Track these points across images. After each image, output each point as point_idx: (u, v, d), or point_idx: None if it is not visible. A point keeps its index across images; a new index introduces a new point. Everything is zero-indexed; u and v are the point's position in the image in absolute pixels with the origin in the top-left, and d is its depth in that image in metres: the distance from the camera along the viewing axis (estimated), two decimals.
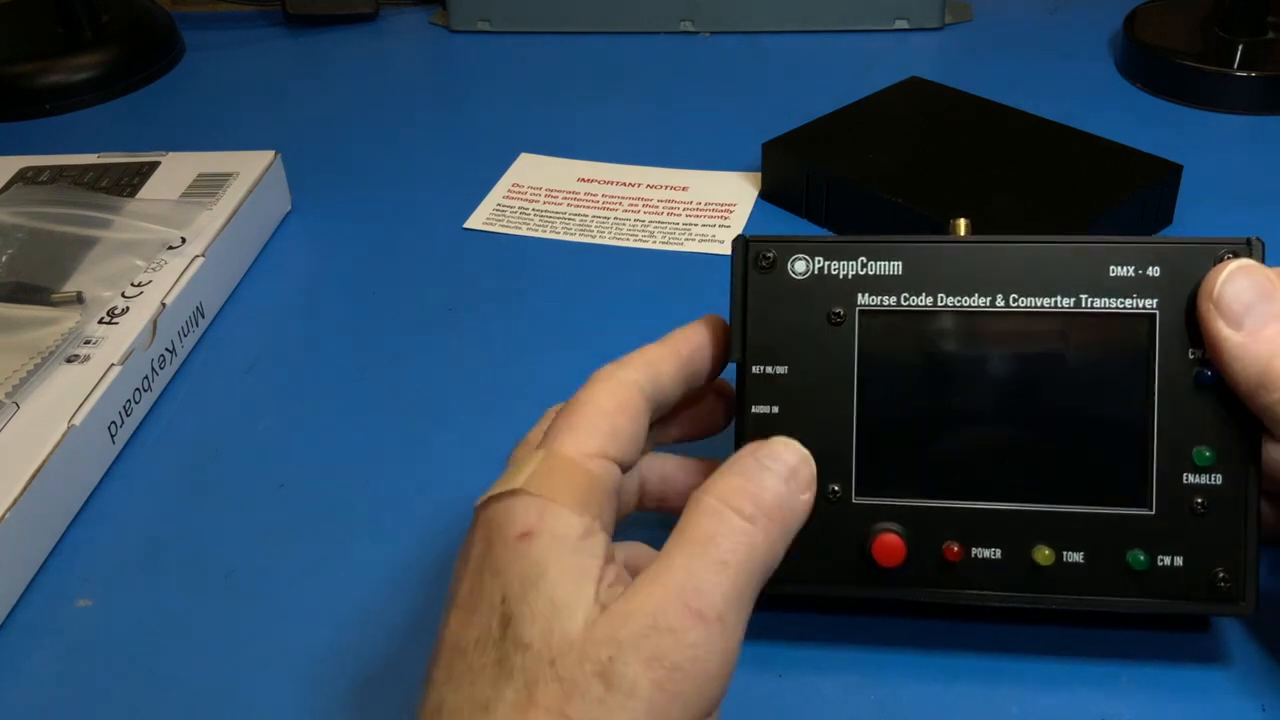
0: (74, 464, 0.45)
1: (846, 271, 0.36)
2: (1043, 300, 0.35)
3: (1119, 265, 0.35)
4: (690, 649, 0.28)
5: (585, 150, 0.68)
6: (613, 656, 0.28)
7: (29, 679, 0.39)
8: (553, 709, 0.27)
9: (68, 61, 0.78)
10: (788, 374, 0.36)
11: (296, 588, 0.41)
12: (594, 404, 0.33)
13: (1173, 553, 0.35)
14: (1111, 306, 0.35)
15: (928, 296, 0.36)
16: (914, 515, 0.36)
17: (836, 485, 0.36)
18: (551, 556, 0.29)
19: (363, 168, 0.68)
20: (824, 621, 0.39)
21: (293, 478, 0.46)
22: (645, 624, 0.28)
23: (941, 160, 0.60)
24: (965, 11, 0.83)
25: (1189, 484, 0.35)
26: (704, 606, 0.28)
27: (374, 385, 0.51)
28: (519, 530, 0.30)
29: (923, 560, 0.36)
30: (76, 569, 0.43)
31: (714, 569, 0.29)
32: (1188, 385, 0.35)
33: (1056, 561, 0.35)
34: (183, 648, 0.39)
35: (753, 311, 0.36)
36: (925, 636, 0.38)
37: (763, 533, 0.30)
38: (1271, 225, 0.58)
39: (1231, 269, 0.33)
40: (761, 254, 0.36)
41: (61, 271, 0.53)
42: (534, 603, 0.29)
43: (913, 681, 0.37)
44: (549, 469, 0.31)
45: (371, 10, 0.87)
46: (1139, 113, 0.69)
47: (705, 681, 0.28)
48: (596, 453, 0.32)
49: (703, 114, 0.73)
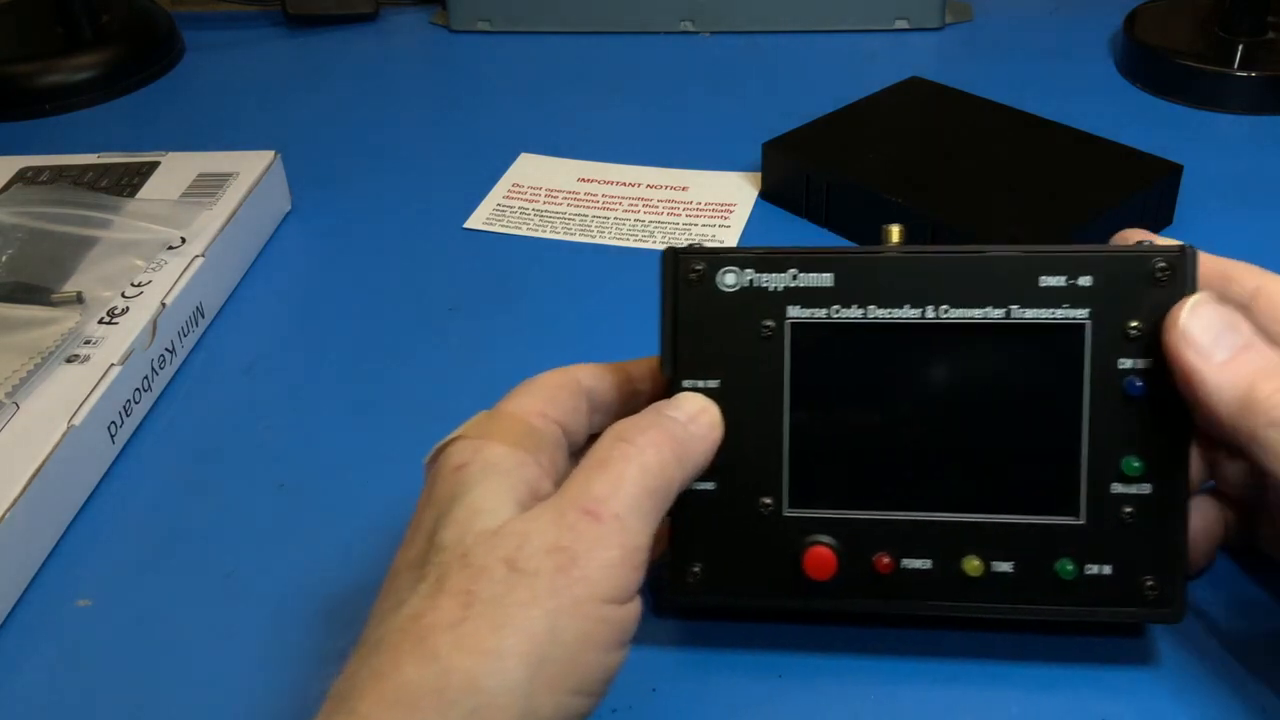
0: (74, 464, 0.45)
1: (777, 284, 0.36)
2: (973, 311, 0.35)
3: (1049, 275, 0.35)
4: (588, 541, 0.30)
5: (585, 150, 0.68)
6: (519, 546, 0.30)
7: (29, 679, 0.39)
8: (459, 590, 0.29)
9: (68, 61, 0.78)
10: (719, 387, 0.36)
11: (296, 588, 0.41)
12: (537, 380, 0.36)
13: (1101, 562, 0.35)
14: (1041, 317, 0.35)
15: (858, 308, 0.35)
16: (846, 527, 0.36)
17: (768, 498, 0.36)
18: (480, 477, 0.32)
19: (363, 168, 0.68)
20: (821, 614, 0.39)
21: (293, 478, 0.46)
22: (549, 521, 0.31)
23: (941, 160, 0.60)
24: (965, 11, 0.83)
25: (1117, 494, 0.35)
26: (599, 508, 0.31)
27: (374, 385, 0.51)
28: (455, 464, 0.33)
29: (854, 572, 0.36)
30: (76, 569, 0.43)
31: (609, 482, 0.32)
32: (1117, 396, 0.34)
33: (986, 572, 0.35)
34: (183, 648, 0.39)
35: (683, 326, 0.36)
36: (925, 638, 0.38)
37: (654, 451, 0.33)
38: (1272, 225, 0.58)
39: (1194, 302, 0.33)
40: (690, 267, 0.36)
41: (61, 271, 0.53)
42: (456, 511, 0.31)
43: (911, 684, 0.37)
44: (489, 418, 0.35)
45: (371, 10, 0.87)
46: (1139, 113, 0.69)
47: (605, 568, 0.30)
48: (536, 411, 0.35)
49: (703, 114, 0.73)
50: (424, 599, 0.30)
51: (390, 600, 0.31)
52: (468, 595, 0.29)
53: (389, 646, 0.29)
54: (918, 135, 0.63)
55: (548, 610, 0.29)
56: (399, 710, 0.28)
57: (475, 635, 0.29)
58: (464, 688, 0.28)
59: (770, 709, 0.36)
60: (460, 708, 0.28)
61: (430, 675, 0.28)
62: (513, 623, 0.29)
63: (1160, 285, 0.34)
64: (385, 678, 0.28)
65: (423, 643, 0.29)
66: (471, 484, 0.32)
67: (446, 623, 0.29)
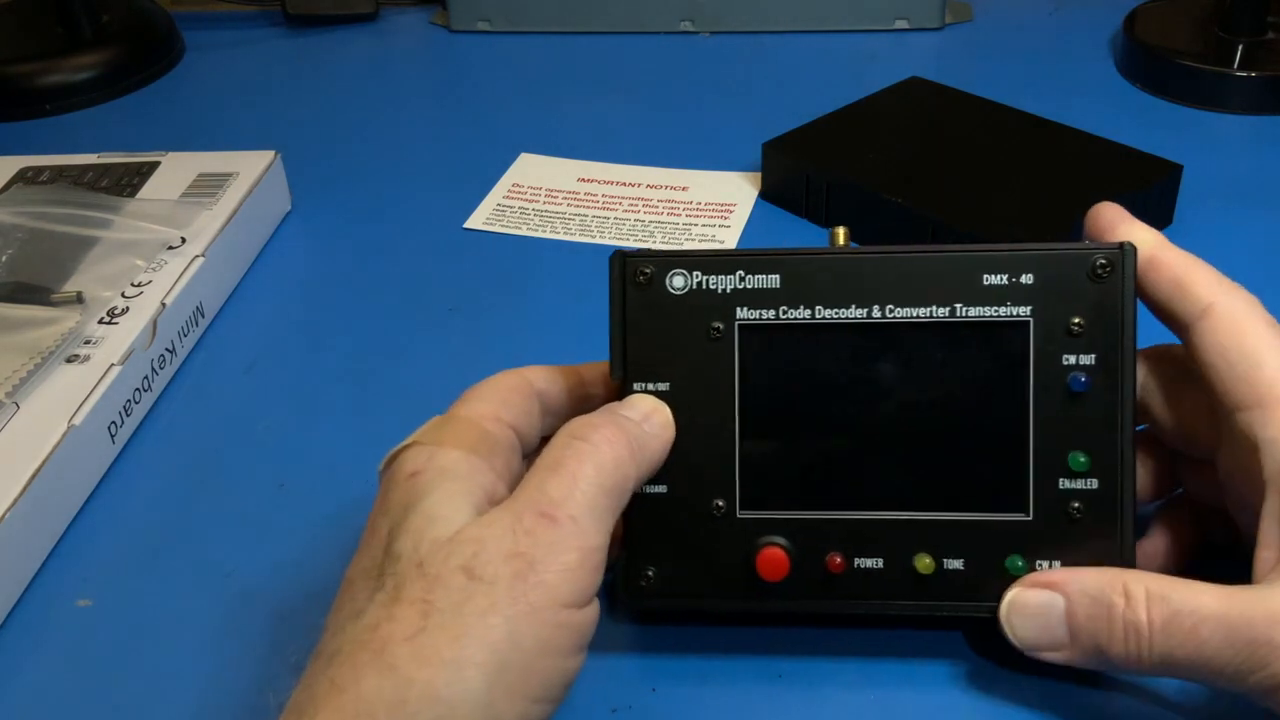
0: (74, 464, 0.45)
1: (725, 286, 0.36)
2: (918, 310, 0.35)
3: (992, 274, 0.35)
4: (546, 546, 0.30)
5: (585, 150, 0.68)
6: (476, 553, 0.30)
7: (29, 679, 0.39)
8: (416, 599, 0.29)
9: (68, 61, 0.78)
10: (669, 390, 0.36)
11: (296, 588, 0.41)
12: (489, 383, 0.36)
13: (1050, 557, 0.35)
14: (985, 315, 0.35)
15: (805, 309, 0.36)
16: (797, 528, 0.36)
17: (720, 500, 0.36)
18: (435, 483, 0.32)
19: (363, 168, 0.68)
20: (821, 614, 0.39)
21: (293, 478, 0.46)
22: (505, 527, 0.30)
23: (941, 160, 0.60)
24: (965, 11, 0.83)
25: (1065, 489, 0.35)
26: (556, 511, 0.31)
27: (374, 385, 0.51)
28: (409, 471, 0.33)
29: (807, 572, 0.36)
30: (76, 569, 0.43)
31: (564, 484, 0.31)
32: (1062, 392, 0.35)
33: (937, 570, 0.35)
34: (183, 648, 0.39)
35: (632, 328, 0.36)
36: (925, 640, 0.38)
37: (608, 449, 0.33)
38: (1272, 225, 0.58)
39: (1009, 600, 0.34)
40: (639, 270, 0.36)
41: (61, 271, 0.53)
42: (411, 520, 0.31)
43: (912, 686, 0.37)
44: (442, 424, 0.34)
45: (371, 10, 0.87)
46: (1139, 113, 0.69)
47: (563, 572, 0.30)
48: (490, 415, 0.35)
49: (703, 114, 0.73)
50: (381, 609, 0.30)
51: (346, 610, 0.31)
52: (425, 605, 0.29)
53: (347, 657, 0.29)
54: (918, 135, 0.63)
55: (506, 618, 0.29)
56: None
57: (434, 646, 0.28)
58: (424, 699, 0.28)
59: (770, 709, 0.36)
60: (421, 719, 0.28)
61: (389, 687, 0.28)
62: (471, 632, 0.29)
63: (1101, 281, 0.35)
64: (344, 690, 0.28)
65: (381, 654, 0.28)
66: (426, 491, 0.32)
67: (404, 634, 0.29)
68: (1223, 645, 0.31)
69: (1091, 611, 0.33)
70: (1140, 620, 0.32)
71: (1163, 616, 0.31)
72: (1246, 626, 0.31)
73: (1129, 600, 0.32)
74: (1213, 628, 0.31)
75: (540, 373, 0.37)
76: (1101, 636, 0.32)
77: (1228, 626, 0.31)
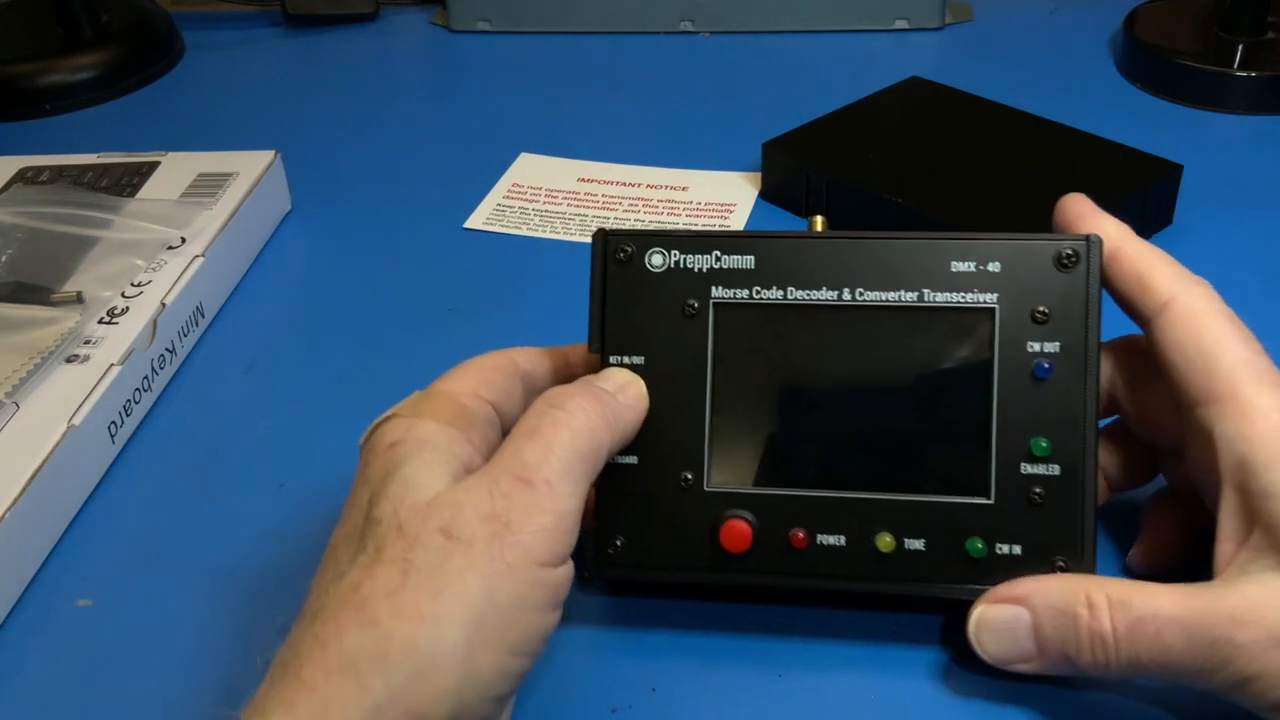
0: (74, 464, 0.45)
1: (701, 265, 0.37)
2: (887, 294, 0.36)
3: (960, 260, 0.36)
4: (521, 507, 0.31)
5: (585, 150, 0.68)
6: (454, 515, 0.31)
7: (29, 679, 0.39)
8: (397, 559, 0.30)
9: (68, 61, 0.78)
10: (644, 364, 0.37)
11: (296, 588, 0.41)
12: (474, 361, 0.37)
13: (1011, 541, 0.35)
14: (953, 301, 0.36)
15: (778, 289, 0.37)
16: (763, 503, 0.36)
17: (689, 473, 0.37)
18: (413, 453, 0.33)
19: (363, 168, 0.68)
20: (822, 614, 0.39)
21: (293, 478, 0.46)
22: (482, 490, 0.31)
23: (941, 160, 0.60)
24: (965, 11, 0.83)
25: (1027, 474, 0.35)
26: (532, 475, 0.32)
27: (374, 385, 0.51)
28: (388, 442, 0.34)
29: (770, 546, 0.36)
30: (76, 569, 0.43)
31: (540, 449, 0.32)
32: (1026, 377, 0.35)
33: (898, 549, 0.36)
34: (183, 648, 0.39)
35: (611, 303, 0.37)
36: (925, 639, 0.38)
37: (584, 415, 0.33)
38: (1272, 225, 0.58)
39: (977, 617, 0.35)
40: (620, 247, 0.38)
41: (61, 271, 0.53)
42: (390, 487, 0.32)
43: (912, 678, 0.37)
44: (422, 398, 0.35)
45: (371, 10, 0.87)
46: (1139, 113, 0.69)
47: (538, 533, 0.31)
48: (469, 391, 0.36)
49: (703, 114, 0.73)
50: (363, 569, 0.31)
51: (330, 573, 0.32)
52: (405, 564, 0.30)
53: (330, 615, 0.30)
54: (918, 135, 0.63)
55: (483, 575, 0.30)
56: (343, 675, 0.29)
57: (414, 602, 0.29)
58: (404, 651, 0.29)
59: (770, 708, 0.36)
60: (402, 671, 0.29)
61: (371, 640, 0.29)
62: (449, 589, 0.30)
63: (1066, 270, 0.35)
64: (328, 644, 0.29)
65: (363, 610, 0.29)
66: (404, 460, 0.33)
67: (385, 591, 0.30)
68: (1185, 647, 0.31)
69: (1057, 623, 0.33)
70: (1105, 629, 0.32)
71: (1125, 623, 0.32)
72: (1206, 627, 0.31)
73: (1092, 610, 0.33)
74: (1175, 631, 0.31)
75: (526, 354, 0.38)
76: (1069, 647, 0.33)
77: (1188, 629, 0.31)
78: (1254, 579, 0.32)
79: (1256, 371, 0.33)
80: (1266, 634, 0.31)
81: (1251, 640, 0.31)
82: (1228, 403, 0.33)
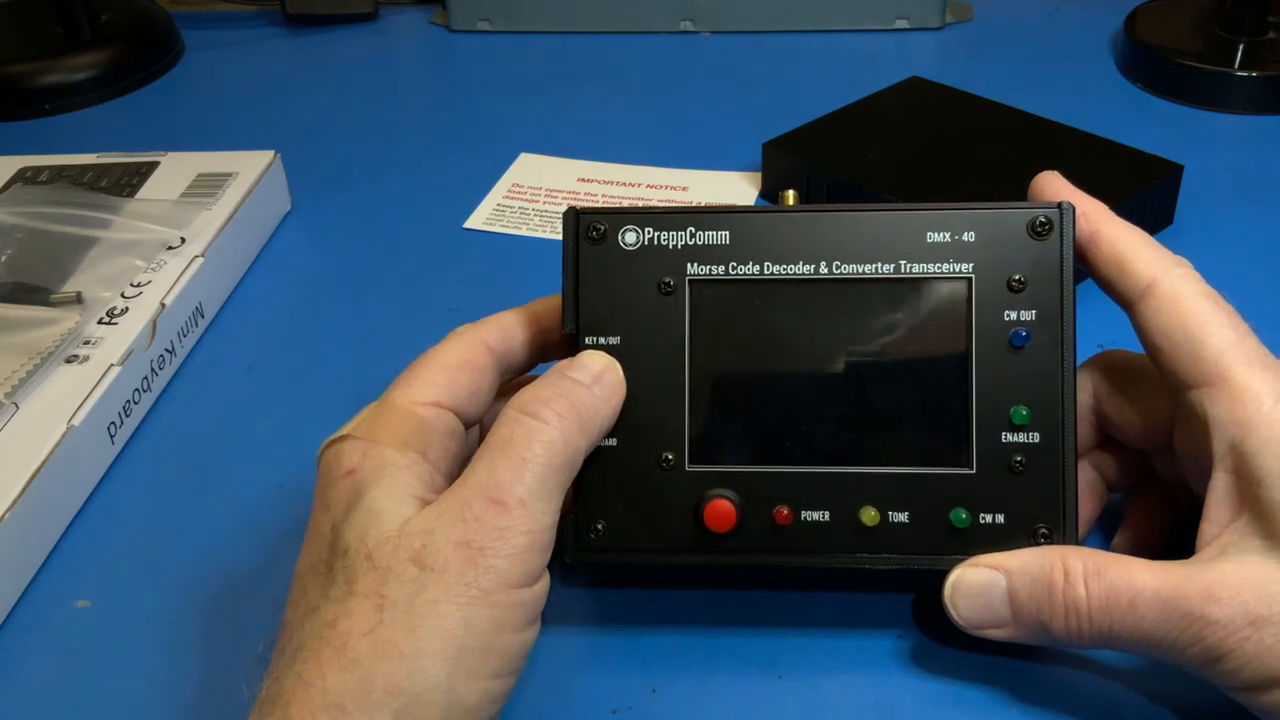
0: (74, 464, 0.45)
1: (676, 242, 0.37)
2: (864, 267, 0.36)
3: (935, 231, 0.36)
4: (495, 531, 0.31)
5: (585, 150, 0.68)
6: (425, 544, 0.30)
7: (29, 679, 0.39)
8: (370, 593, 0.30)
9: (68, 61, 0.78)
10: (620, 344, 0.37)
11: None
12: (437, 359, 0.36)
13: (994, 510, 0.36)
14: (929, 271, 0.36)
15: (754, 265, 0.36)
16: (745, 481, 0.36)
17: (669, 454, 0.36)
18: (372, 479, 0.32)
19: (363, 168, 0.68)
20: (822, 614, 0.39)
21: (293, 478, 0.46)
22: (454, 515, 0.31)
23: (942, 160, 0.60)
24: (965, 11, 0.83)
25: (1007, 443, 0.35)
26: (505, 496, 0.31)
27: (374, 385, 0.51)
28: (345, 469, 0.33)
29: (754, 525, 0.36)
30: (76, 569, 0.43)
31: (513, 466, 0.32)
32: (1004, 346, 0.35)
33: (882, 522, 0.36)
34: (182, 648, 0.39)
35: (585, 283, 0.37)
36: (923, 635, 0.38)
37: (558, 430, 0.33)
38: (1272, 225, 0.58)
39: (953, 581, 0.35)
40: (592, 225, 0.37)
41: (61, 271, 0.53)
42: (355, 517, 0.32)
43: (913, 679, 0.37)
44: (377, 414, 0.35)
45: (371, 10, 0.87)
46: (1139, 113, 0.69)
47: (513, 556, 0.31)
48: (429, 401, 0.35)
49: (703, 114, 0.73)
50: (337, 604, 0.30)
51: (301, 607, 0.31)
52: (380, 599, 0.30)
53: (311, 654, 0.30)
54: (918, 135, 0.62)
55: (459, 604, 0.30)
56: (329, 715, 0.29)
57: (391, 639, 0.29)
58: (387, 691, 0.29)
59: (771, 709, 0.36)
60: (387, 710, 0.29)
61: (354, 681, 0.29)
62: (426, 623, 0.29)
63: (1040, 237, 0.35)
64: (311, 685, 0.29)
65: (343, 651, 0.29)
66: (365, 487, 0.32)
67: (362, 629, 0.29)
68: (1158, 620, 0.31)
69: (1032, 590, 0.33)
70: (1080, 596, 0.32)
71: (1100, 592, 0.32)
72: (1181, 601, 0.31)
73: (1068, 577, 0.33)
74: (1148, 603, 0.31)
75: (497, 328, 0.37)
76: (1043, 613, 0.33)
77: (1162, 602, 0.31)
78: (1233, 559, 0.32)
79: (1245, 354, 0.33)
80: (1241, 612, 0.31)
81: (1225, 617, 0.31)
82: (1219, 386, 0.33)
